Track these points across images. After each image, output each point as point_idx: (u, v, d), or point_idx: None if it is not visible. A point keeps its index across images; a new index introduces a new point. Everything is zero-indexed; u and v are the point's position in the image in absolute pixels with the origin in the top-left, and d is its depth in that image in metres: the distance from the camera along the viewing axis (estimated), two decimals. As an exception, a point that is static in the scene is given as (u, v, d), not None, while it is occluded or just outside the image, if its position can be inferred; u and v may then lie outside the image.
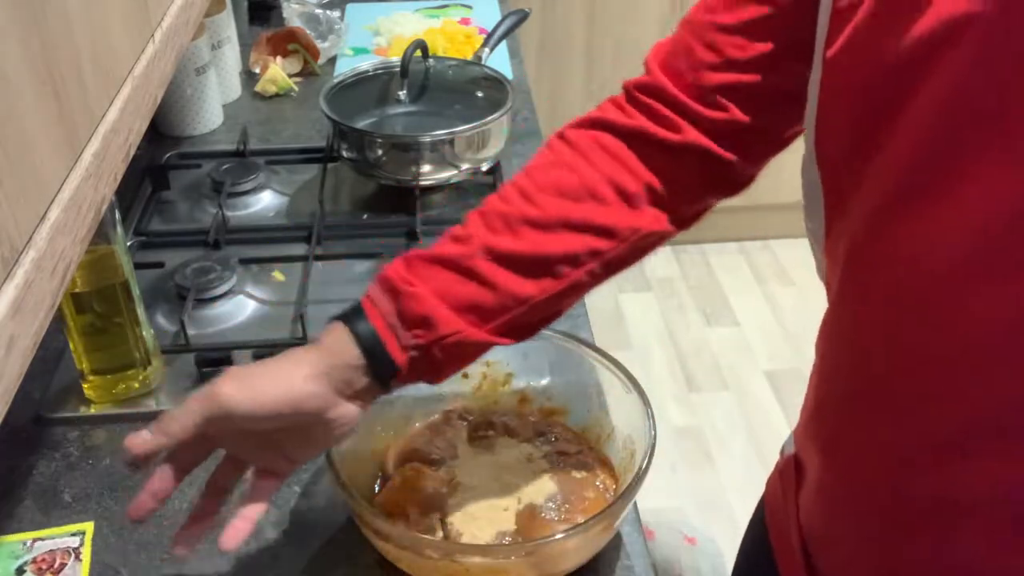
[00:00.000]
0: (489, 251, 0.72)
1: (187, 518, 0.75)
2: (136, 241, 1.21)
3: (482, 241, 0.73)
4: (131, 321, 0.94)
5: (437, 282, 0.72)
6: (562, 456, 0.86)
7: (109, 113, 0.60)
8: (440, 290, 0.72)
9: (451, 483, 0.84)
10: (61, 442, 0.94)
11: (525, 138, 1.44)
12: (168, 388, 0.99)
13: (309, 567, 0.82)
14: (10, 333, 0.44)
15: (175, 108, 1.44)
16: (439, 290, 0.72)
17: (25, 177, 0.47)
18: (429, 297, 0.71)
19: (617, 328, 2.53)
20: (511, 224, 0.73)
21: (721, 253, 2.80)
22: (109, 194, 0.59)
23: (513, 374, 0.95)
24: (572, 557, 0.78)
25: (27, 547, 0.83)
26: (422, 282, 0.72)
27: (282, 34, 1.63)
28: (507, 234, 0.73)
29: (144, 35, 0.68)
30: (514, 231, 0.73)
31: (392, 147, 1.23)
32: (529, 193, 0.74)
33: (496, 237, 0.73)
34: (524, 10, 1.58)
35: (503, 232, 0.73)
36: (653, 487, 0.75)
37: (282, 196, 1.31)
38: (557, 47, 2.46)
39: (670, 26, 2.54)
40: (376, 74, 1.37)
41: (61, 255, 0.51)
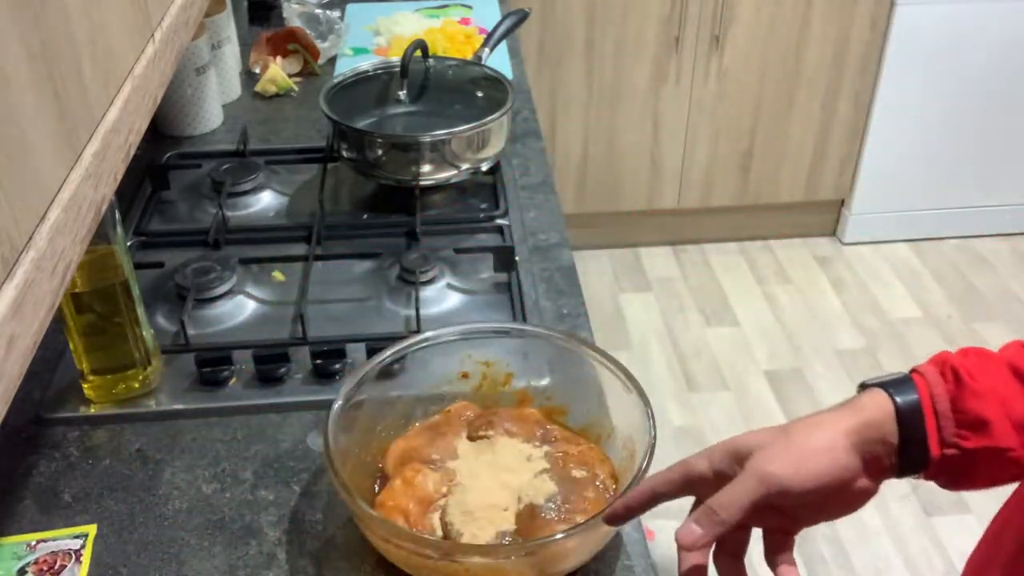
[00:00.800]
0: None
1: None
2: (136, 241, 1.21)
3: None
4: (131, 321, 0.94)
5: (1002, 387, 0.66)
6: (562, 456, 0.86)
7: (109, 113, 0.60)
8: (1005, 397, 0.66)
9: (451, 483, 0.84)
10: (61, 442, 0.94)
11: (525, 138, 1.44)
12: (168, 388, 0.99)
13: (309, 567, 0.82)
14: (10, 333, 0.44)
15: (175, 108, 1.44)
16: (1004, 397, 0.66)
17: (25, 177, 0.47)
18: (992, 399, 0.65)
19: (617, 328, 2.53)
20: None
21: (721, 253, 2.80)
22: (109, 194, 0.59)
23: (513, 374, 0.95)
24: (572, 557, 0.78)
25: (31, 548, 0.83)
26: (987, 380, 0.66)
27: (282, 34, 1.63)
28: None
29: (144, 35, 0.68)
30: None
31: (392, 147, 1.23)
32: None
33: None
34: (524, 10, 1.58)
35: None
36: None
37: (282, 196, 1.31)
38: (557, 47, 2.46)
39: (670, 26, 2.56)
40: (376, 74, 1.37)
41: (61, 255, 0.51)
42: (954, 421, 0.66)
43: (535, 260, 1.18)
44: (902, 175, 2.70)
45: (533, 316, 1.08)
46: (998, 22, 2.46)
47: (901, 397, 0.67)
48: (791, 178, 2.71)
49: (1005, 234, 2.84)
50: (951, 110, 2.60)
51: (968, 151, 2.67)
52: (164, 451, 0.93)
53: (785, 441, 0.67)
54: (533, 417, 0.91)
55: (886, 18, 2.45)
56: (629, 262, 2.78)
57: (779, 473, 0.65)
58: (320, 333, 1.05)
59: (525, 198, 1.30)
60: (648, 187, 2.69)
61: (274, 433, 0.95)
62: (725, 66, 2.51)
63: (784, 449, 0.67)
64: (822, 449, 0.66)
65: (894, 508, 2.03)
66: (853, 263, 2.76)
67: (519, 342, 0.94)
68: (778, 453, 0.66)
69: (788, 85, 2.55)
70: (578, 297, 1.12)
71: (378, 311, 1.09)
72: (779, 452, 0.67)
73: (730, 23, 2.44)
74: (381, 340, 0.97)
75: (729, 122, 2.60)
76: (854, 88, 2.56)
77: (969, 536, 1.95)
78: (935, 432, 0.66)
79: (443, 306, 1.10)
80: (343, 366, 1.00)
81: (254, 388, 0.99)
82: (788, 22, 2.46)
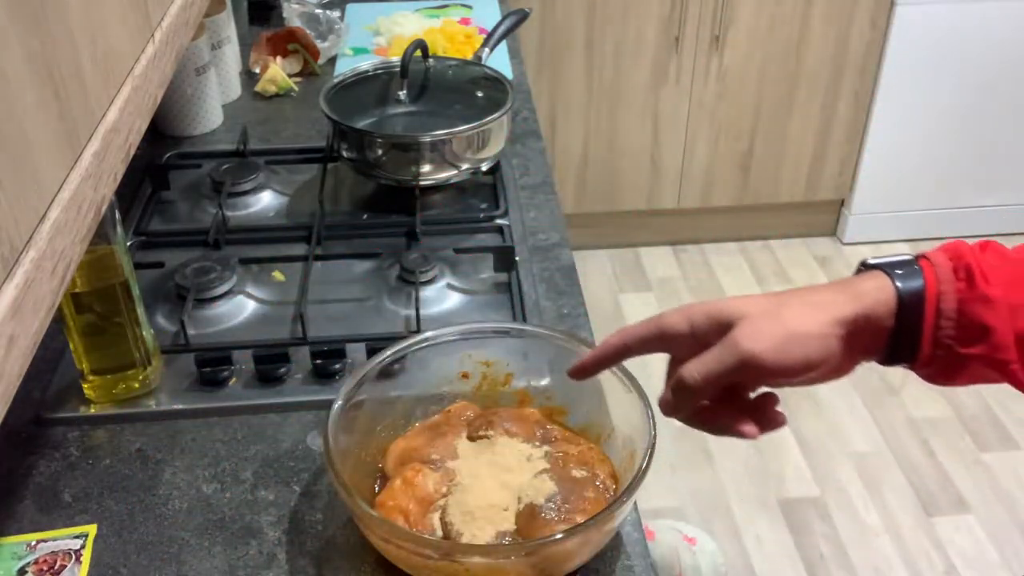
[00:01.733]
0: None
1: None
2: (136, 241, 1.21)
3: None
4: (131, 321, 0.94)
5: (1015, 294, 0.62)
6: (562, 456, 0.86)
7: (109, 113, 0.60)
8: (1016, 305, 0.62)
9: (451, 483, 0.84)
10: (61, 442, 0.94)
11: (525, 138, 1.44)
12: (168, 388, 0.99)
13: (309, 567, 0.82)
14: (10, 333, 0.44)
15: (175, 108, 1.44)
16: (1015, 305, 0.62)
17: (25, 177, 0.47)
18: (1001, 308, 0.62)
19: (617, 328, 2.52)
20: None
21: (721, 253, 2.80)
22: (109, 194, 0.59)
23: (513, 374, 0.95)
24: (572, 557, 0.78)
25: (31, 548, 0.83)
26: (1001, 286, 0.62)
27: (282, 34, 1.63)
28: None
29: (144, 35, 0.68)
30: None
31: (392, 147, 1.23)
32: None
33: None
34: (524, 10, 1.58)
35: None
36: (653, 487, 0.74)
37: (282, 196, 1.31)
38: (557, 47, 2.46)
39: (670, 26, 2.56)
40: (376, 74, 1.37)
41: (61, 255, 0.51)
42: (956, 323, 0.63)
43: (535, 260, 1.18)
44: (902, 175, 2.70)
45: (533, 316, 1.08)
46: (998, 22, 2.46)
47: (905, 285, 0.64)
48: (791, 178, 2.71)
49: (1005, 234, 2.84)
50: (951, 110, 2.60)
51: (968, 151, 2.67)
52: (164, 451, 0.93)
53: (775, 318, 0.64)
54: (533, 417, 0.91)
55: (886, 18, 2.45)
56: (629, 262, 2.78)
57: (761, 354, 0.63)
58: (320, 333, 1.05)
59: (525, 198, 1.30)
60: (648, 187, 2.69)
61: (274, 433, 0.95)
62: (725, 66, 2.51)
63: (771, 327, 0.64)
64: (813, 335, 0.64)
65: (894, 508, 2.03)
66: (853, 263, 2.75)
67: (519, 342, 0.94)
68: (764, 330, 0.63)
69: (788, 85, 2.55)
70: (578, 297, 1.12)
71: (378, 311, 1.09)
72: (765, 330, 0.64)
73: (730, 23, 2.44)
74: (381, 340, 0.97)
75: (729, 122, 2.60)
76: (854, 88, 2.56)
77: (969, 536, 1.96)
78: (931, 330, 0.63)
79: (443, 306, 1.10)
80: (343, 366, 1.00)
81: (254, 388, 0.99)
82: (788, 22, 2.46)
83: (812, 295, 0.67)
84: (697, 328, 0.67)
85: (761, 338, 0.63)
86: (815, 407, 2.28)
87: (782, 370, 0.64)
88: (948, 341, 0.63)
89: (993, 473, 2.10)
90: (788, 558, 1.93)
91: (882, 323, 0.64)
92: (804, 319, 0.64)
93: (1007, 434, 2.21)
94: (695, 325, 0.67)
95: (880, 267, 0.66)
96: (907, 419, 2.25)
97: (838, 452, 2.17)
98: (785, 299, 0.67)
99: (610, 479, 0.85)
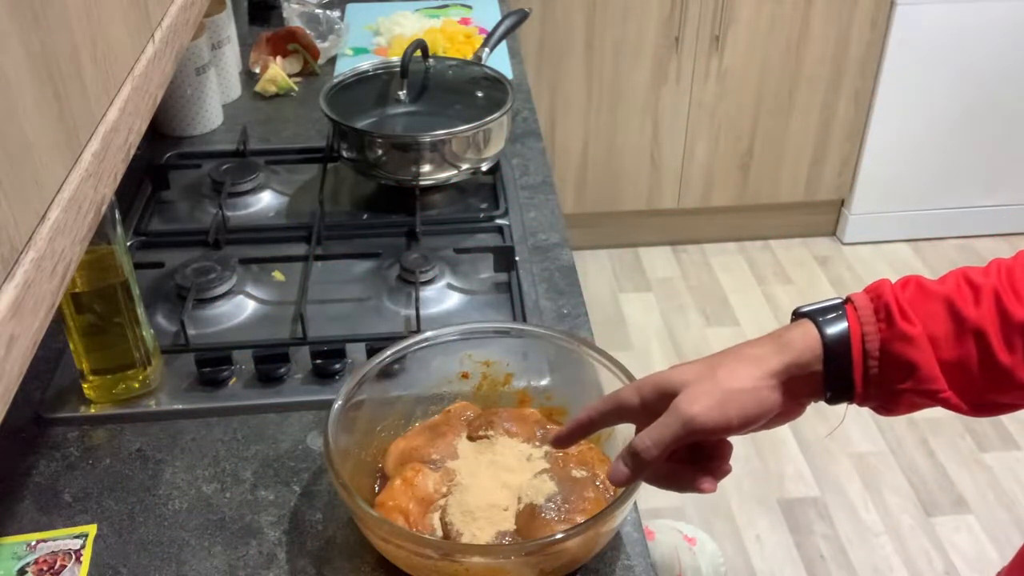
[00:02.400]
0: (1006, 320, 0.64)
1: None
2: (136, 241, 1.21)
3: (997, 302, 0.65)
4: (131, 321, 0.94)
5: (936, 326, 0.65)
6: (562, 456, 0.86)
7: (109, 113, 0.60)
8: (937, 338, 0.65)
9: (451, 483, 0.84)
10: (61, 442, 0.94)
11: (525, 138, 1.45)
12: (168, 388, 0.99)
13: (309, 567, 0.82)
14: (10, 333, 0.44)
15: (175, 108, 1.44)
16: (936, 338, 0.65)
17: (25, 177, 0.47)
18: (922, 343, 0.65)
19: (617, 328, 2.53)
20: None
21: (721, 253, 2.80)
22: (109, 194, 0.59)
23: (513, 374, 0.95)
24: (572, 557, 0.78)
25: (31, 548, 0.83)
26: (920, 322, 0.65)
27: (282, 34, 1.63)
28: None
29: (144, 35, 0.68)
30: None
31: (392, 147, 1.23)
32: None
33: (1018, 305, 0.65)
34: (524, 10, 1.58)
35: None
36: (653, 487, 0.75)
37: (282, 196, 1.31)
38: (557, 47, 2.46)
39: (670, 26, 2.56)
40: (376, 74, 1.37)
41: (61, 255, 0.51)
42: (880, 362, 0.66)
43: (535, 260, 1.18)
44: (902, 175, 2.70)
45: (533, 316, 1.08)
46: (998, 22, 2.46)
47: (830, 330, 0.67)
48: (791, 178, 2.71)
49: (1005, 234, 2.84)
50: (951, 110, 2.60)
51: (968, 151, 2.67)
52: (164, 451, 0.93)
53: (710, 381, 0.68)
54: (533, 417, 0.91)
55: (886, 18, 2.45)
56: (629, 262, 2.78)
57: (701, 416, 0.67)
58: (320, 333, 1.05)
59: (525, 198, 1.30)
60: (648, 187, 2.69)
61: (274, 433, 0.95)
62: (725, 66, 2.51)
63: (709, 390, 0.68)
64: (747, 390, 0.67)
65: (894, 508, 2.03)
66: (853, 263, 2.76)
67: (519, 342, 0.94)
68: (702, 394, 0.67)
69: (788, 85, 2.55)
70: (578, 297, 1.12)
71: (378, 311, 1.09)
72: (703, 393, 0.67)
73: (730, 23, 2.44)
74: (381, 340, 0.97)
75: (729, 122, 2.60)
76: (854, 88, 2.56)
77: (969, 536, 1.96)
78: (860, 370, 0.67)
79: (443, 306, 1.10)
80: (343, 366, 1.00)
81: (254, 388, 0.99)
82: (788, 22, 2.46)
83: (745, 350, 0.71)
84: (646, 400, 0.72)
85: (699, 401, 0.67)
86: (815, 407, 2.28)
87: (723, 427, 0.68)
88: (877, 379, 0.67)
89: (993, 473, 2.10)
90: (788, 558, 1.93)
91: (812, 368, 0.68)
92: (736, 376, 0.68)
93: (1007, 434, 2.21)
94: (644, 398, 0.72)
95: (808, 315, 0.70)
96: (907, 419, 2.25)
97: (838, 452, 2.17)
98: (719, 360, 0.71)
99: (610, 479, 0.85)
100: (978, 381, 0.66)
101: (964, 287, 0.67)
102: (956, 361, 0.66)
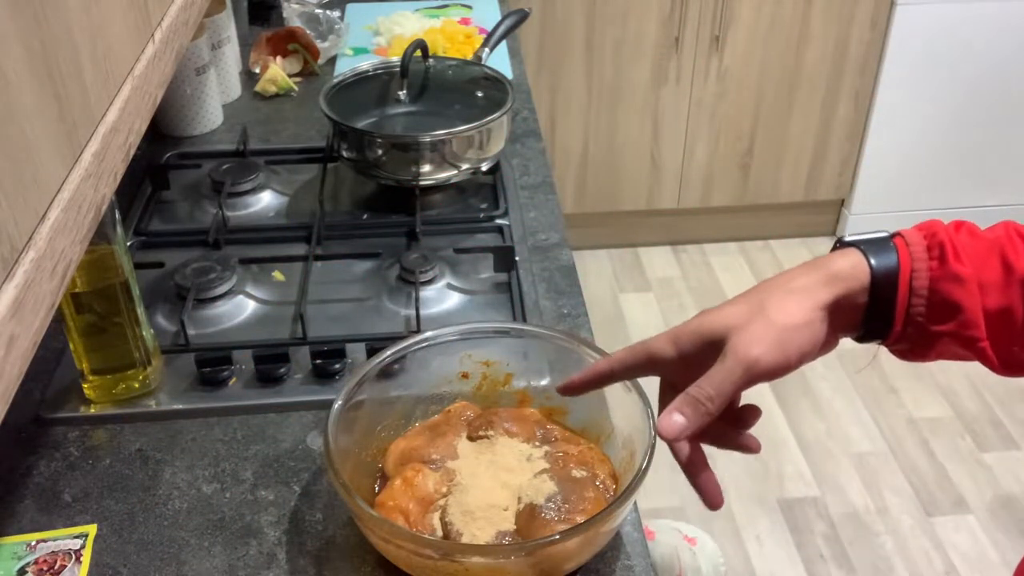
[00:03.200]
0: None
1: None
2: (136, 241, 1.21)
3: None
4: (131, 321, 0.94)
5: (986, 273, 0.64)
6: (562, 456, 0.86)
7: (109, 113, 0.60)
8: (986, 284, 0.64)
9: (451, 483, 0.84)
10: (61, 442, 0.94)
11: (525, 138, 1.45)
12: (168, 388, 0.99)
13: (309, 567, 0.82)
14: (10, 333, 0.44)
15: (175, 108, 1.44)
16: (985, 284, 0.64)
17: (25, 177, 0.47)
18: (972, 286, 0.63)
19: (617, 328, 2.53)
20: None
21: (721, 253, 2.80)
22: (109, 194, 0.59)
23: (513, 374, 0.95)
24: (572, 557, 0.78)
25: (31, 548, 0.83)
26: (971, 265, 0.64)
27: (282, 34, 1.63)
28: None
29: (144, 35, 0.68)
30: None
31: (392, 147, 1.23)
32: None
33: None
34: (524, 10, 1.58)
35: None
36: (653, 487, 0.74)
37: (282, 196, 1.31)
38: (557, 47, 2.46)
39: (670, 26, 2.55)
40: (376, 74, 1.37)
41: (61, 255, 0.51)
42: (927, 301, 0.64)
43: (535, 260, 1.18)
44: (902, 175, 2.70)
45: (533, 316, 1.08)
46: (998, 22, 2.46)
47: (879, 263, 0.65)
48: (791, 178, 2.71)
49: (1005, 234, 2.84)
50: (951, 110, 2.60)
51: (968, 151, 2.67)
52: (164, 451, 0.93)
53: (763, 321, 0.65)
54: (533, 417, 0.91)
55: (886, 18, 2.45)
56: (629, 262, 2.78)
57: (766, 358, 0.64)
58: (320, 333, 1.05)
59: (525, 198, 1.30)
60: (648, 187, 2.69)
61: (274, 433, 0.95)
62: (725, 66, 2.51)
63: (764, 330, 0.65)
64: (801, 325, 0.65)
65: (894, 508, 2.03)
66: (853, 263, 2.76)
67: (519, 342, 0.94)
68: (759, 335, 0.64)
69: (788, 85, 2.55)
70: (578, 297, 1.12)
71: (378, 311, 1.09)
72: (760, 334, 0.64)
73: (730, 23, 2.44)
74: (381, 340, 0.97)
75: (729, 122, 2.60)
76: (854, 88, 2.56)
77: (969, 536, 1.96)
78: (904, 307, 0.65)
79: (443, 306, 1.10)
80: (343, 366, 1.00)
81: (254, 388, 0.99)
82: (788, 22, 2.46)
83: (791, 282, 0.68)
84: (684, 351, 0.69)
85: (758, 343, 0.64)
86: (815, 407, 2.28)
87: (783, 367, 0.65)
88: (919, 318, 0.65)
89: (993, 473, 2.10)
90: (788, 558, 1.93)
91: (857, 300, 0.66)
92: (788, 311, 0.66)
93: (1007, 434, 2.21)
94: (682, 348, 0.69)
95: (855, 244, 0.68)
96: (907, 419, 2.25)
97: (838, 452, 2.17)
98: (765, 296, 0.68)
99: (610, 479, 0.85)
100: (1018, 334, 0.64)
101: (1015, 238, 0.66)
102: (1000, 310, 0.64)
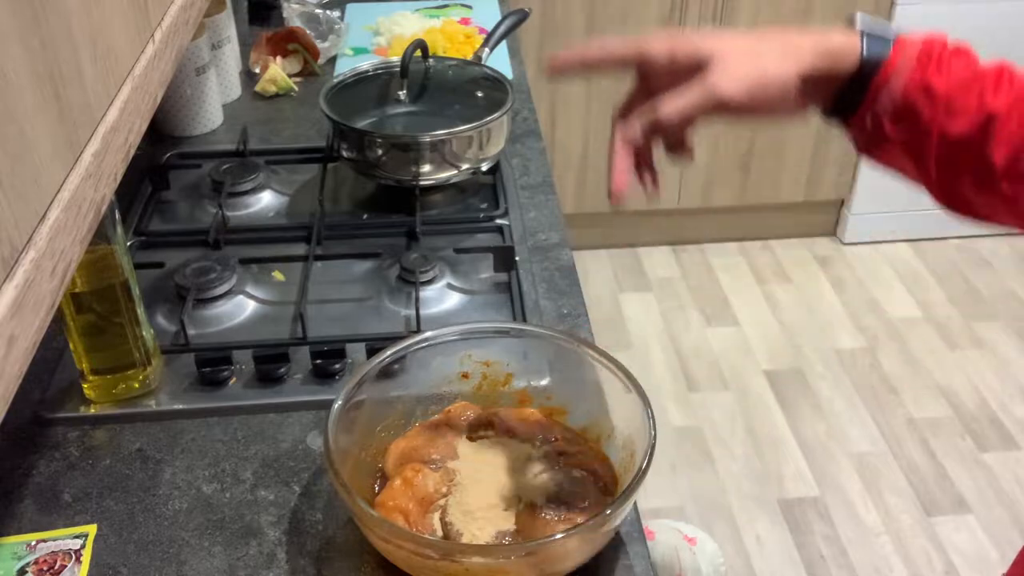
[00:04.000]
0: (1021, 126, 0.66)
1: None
2: (136, 241, 1.21)
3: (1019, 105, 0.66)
4: (131, 321, 0.94)
5: (959, 99, 0.66)
6: (562, 456, 0.86)
7: (109, 113, 0.60)
8: (953, 108, 0.67)
9: (451, 483, 0.84)
10: (61, 442, 0.94)
11: (525, 138, 1.44)
12: (168, 388, 0.99)
13: (309, 567, 0.82)
14: (10, 333, 0.44)
15: (175, 108, 1.44)
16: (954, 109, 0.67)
17: (25, 177, 0.47)
18: (940, 106, 0.66)
19: (617, 328, 2.53)
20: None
21: (721, 253, 2.80)
22: (109, 194, 0.59)
23: (513, 374, 0.95)
24: (572, 557, 0.78)
25: (30, 548, 0.83)
26: (948, 86, 0.67)
27: (282, 34, 1.63)
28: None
29: (144, 35, 0.68)
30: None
31: (392, 147, 1.23)
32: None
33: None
34: (524, 10, 1.58)
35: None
36: (653, 487, 0.74)
37: (282, 196, 1.31)
38: (557, 47, 2.45)
39: (670, 26, 2.54)
40: (376, 74, 1.37)
41: (61, 255, 0.51)
42: (893, 101, 0.67)
43: (535, 260, 1.18)
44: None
45: (533, 316, 1.08)
46: (998, 22, 2.46)
47: (870, 54, 0.68)
48: (791, 178, 2.71)
49: (1005, 234, 2.84)
50: (951, 110, 2.60)
51: (968, 151, 2.67)
52: (164, 451, 0.93)
53: (753, 59, 0.68)
54: (533, 417, 0.91)
55: (886, 18, 2.45)
56: (629, 262, 2.78)
57: (731, 95, 0.67)
58: (320, 333, 1.05)
59: (525, 198, 1.30)
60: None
61: (274, 433, 0.95)
62: (725, 66, 2.51)
63: (748, 70, 0.67)
64: (779, 81, 0.68)
65: (894, 508, 2.03)
66: (853, 263, 2.76)
67: (519, 342, 0.94)
68: (741, 72, 0.67)
69: (788, 85, 2.55)
70: (578, 297, 1.12)
71: (378, 311, 1.09)
72: (740, 72, 0.67)
73: (730, 23, 2.44)
74: (381, 340, 0.97)
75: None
76: (854, 88, 2.56)
77: (969, 536, 1.96)
78: (872, 99, 0.68)
79: (443, 306, 1.10)
80: (343, 366, 1.00)
81: (254, 388, 0.99)
82: (788, 22, 2.46)
83: (792, 40, 0.70)
84: (677, 61, 0.70)
85: (736, 79, 0.67)
86: (815, 407, 2.28)
87: (746, 110, 0.68)
88: (882, 115, 0.68)
89: (993, 473, 2.10)
90: (788, 558, 1.93)
91: (837, 79, 0.69)
92: (779, 64, 0.68)
93: (1007, 434, 2.21)
94: (675, 58, 0.71)
95: (861, 31, 0.70)
96: (907, 419, 2.25)
97: (838, 452, 2.17)
98: (764, 43, 0.70)
99: (610, 479, 0.85)
100: (967, 170, 0.67)
101: (1002, 79, 0.68)
102: (958, 139, 0.67)
